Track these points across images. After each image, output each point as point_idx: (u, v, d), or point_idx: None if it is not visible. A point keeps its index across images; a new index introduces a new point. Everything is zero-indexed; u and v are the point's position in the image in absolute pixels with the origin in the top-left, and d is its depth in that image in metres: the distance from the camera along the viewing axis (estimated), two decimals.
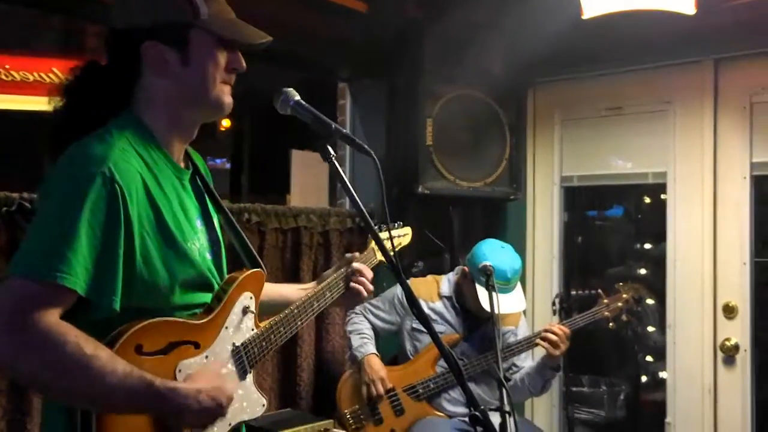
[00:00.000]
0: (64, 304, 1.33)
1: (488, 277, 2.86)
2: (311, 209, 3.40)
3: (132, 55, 1.50)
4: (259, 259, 1.75)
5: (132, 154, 1.45)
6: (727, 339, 3.37)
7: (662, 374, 3.69)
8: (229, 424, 1.59)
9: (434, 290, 3.28)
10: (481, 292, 2.93)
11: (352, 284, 1.93)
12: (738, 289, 3.36)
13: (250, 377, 1.67)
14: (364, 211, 1.61)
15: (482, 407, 1.56)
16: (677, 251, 3.54)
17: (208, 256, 1.61)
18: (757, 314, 3.36)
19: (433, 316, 3.20)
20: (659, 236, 3.79)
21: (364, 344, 3.19)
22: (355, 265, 1.95)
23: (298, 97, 1.65)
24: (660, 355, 3.74)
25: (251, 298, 1.68)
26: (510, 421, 2.04)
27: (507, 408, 2.10)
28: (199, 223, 1.60)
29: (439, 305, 3.24)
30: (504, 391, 2.17)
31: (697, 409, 3.43)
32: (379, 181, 1.61)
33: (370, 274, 1.97)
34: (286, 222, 3.27)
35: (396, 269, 1.61)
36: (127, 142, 1.46)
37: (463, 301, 3.23)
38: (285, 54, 3.45)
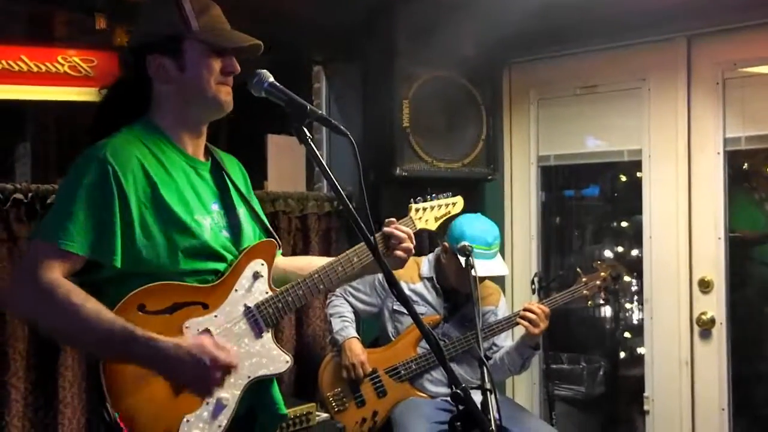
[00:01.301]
0: (69, 264, 1.61)
1: (467, 256, 2.87)
2: (289, 194, 3.39)
3: (142, 68, 1.76)
4: (275, 234, 1.91)
5: (135, 144, 1.71)
6: (703, 313, 3.42)
7: (640, 350, 3.73)
8: (248, 377, 1.75)
9: (415, 272, 3.29)
10: (463, 260, 2.91)
11: (397, 248, 1.95)
12: (713, 263, 3.40)
13: (268, 335, 1.79)
14: (342, 192, 1.61)
15: (463, 385, 1.57)
16: (653, 227, 3.58)
17: (224, 233, 1.80)
18: (732, 288, 3.41)
19: (414, 297, 3.20)
20: (635, 214, 3.82)
21: (345, 327, 3.19)
22: (387, 229, 1.98)
23: (272, 79, 1.64)
24: (638, 331, 3.79)
25: (263, 264, 1.82)
26: (491, 399, 2.05)
27: (488, 386, 2.11)
28: (215, 206, 1.81)
29: (419, 286, 3.25)
30: (485, 369, 2.18)
31: (675, 382, 3.48)
32: (356, 162, 1.62)
33: (407, 232, 1.98)
34: (263, 207, 3.25)
35: (375, 251, 1.61)
36: (133, 135, 1.73)
37: (444, 280, 3.24)
38: (259, 38, 3.41)
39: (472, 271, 2.79)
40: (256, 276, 1.80)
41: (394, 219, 2.03)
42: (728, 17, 3.29)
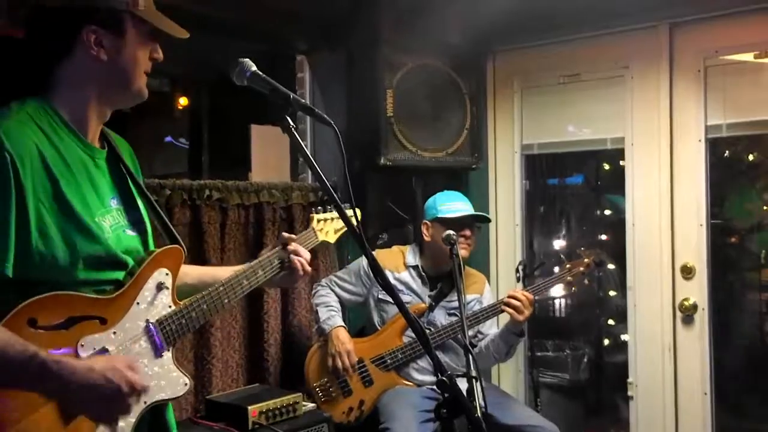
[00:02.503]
0: None
1: (452, 245, 2.88)
2: (273, 184, 3.38)
3: (65, 36, 1.52)
4: (179, 239, 1.73)
5: (31, 128, 1.46)
6: (686, 299, 3.45)
7: (624, 337, 3.77)
8: (145, 402, 1.56)
9: (400, 260, 3.30)
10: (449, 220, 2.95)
11: (293, 263, 1.91)
12: (695, 250, 3.43)
13: (168, 355, 1.64)
14: (326, 181, 1.60)
15: (449, 373, 1.58)
16: (636, 215, 3.60)
17: (129, 233, 1.62)
18: (713, 274, 3.45)
19: (400, 286, 3.22)
20: (619, 202, 3.85)
21: (332, 317, 3.20)
22: (291, 247, 1.92)
23: (254, 68, 1.63)
24: (621, 318, 3.82)
25: (167, 274, 1.66)
26: (477, 386, 2.07)
27: (473, 373, 2.13)
28: (114, 202, 1.61)
29: (405, 275, 3.26)
30: (470, 357, 2.20)
31: (658, 368, 3.52)
32: (340, 151, 1.61)
33: (307, 255, 1.95)
34: (248, 198, 3.25)
35: (360, 239, 1.61)
36: (27, 116, 1.48)
37: (429, 268, 3.26)
38: (243, 27, 3.39)
39: (455, 264, 2.81)
40: (160, 287, 1.63)
41: (294, 236, 1.97)
42: (709, 5, 3.31)
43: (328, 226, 2.13)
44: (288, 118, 1.60)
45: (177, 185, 2.97)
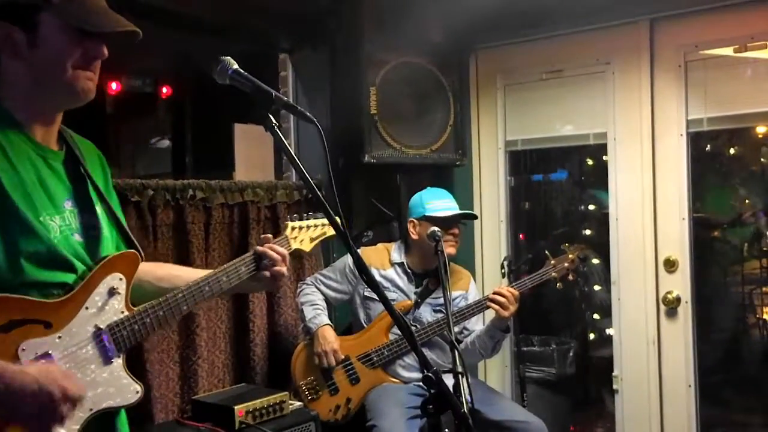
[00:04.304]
0: None
1: (437, 242, 2.89)
2: (257, 183, 3.36)
3: None
4: (137, 245, 1.68)
5: None
6: (669, 292, 3.48)
7: (609, 331, 3.79)
8: (90, 410, 1.52)
9: (385, 258, 3.30)
10: (433, 245, 2.94)
11: (269, 269, 1.84)
12: (678, 243, 3.46)
13: (118, 361, 1.59)
14: (310, 180, 1.59)
15: (435, 369, 1.58)
16: (619, 209, 3.63)
17: (77, 237, 1.56)
18: (696, 267, 3.48)
19: (385, 283, 3.22)
20: (602, 197, 3.87)
21: (318, 315, 3.19)
22: (260, 249, 1.85)
23: (236, 66, 1.61)
24: (606, 312, 3.85)
25: (121, 279, 1.61)
26: (463, 382, 2.07)
27: (459, 369, 2.13)
28: (68, 204, 1.57)
29: (391, 272, 3.26)
30: (456, 353, 2.20)
31: (642, 361, 3.55)
32: (324, 149, 1.60)
33: (282, 252, 1.87)
34: (231, 197, 3.23)
35: (345, 237, 1.60)
36: None
37: (415, 265, 3.27)
38: (225, 26, 3.38)
39: (441, 261, 2.80)
40: (112, 293, 1.58)
41: (270, 236, 1.91)
42: (689, 0, 3.34)
43: (303, 234, 2.06)
44: (271, 117, 1.59)
45: (160, 185, 2.96)
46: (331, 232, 2.09)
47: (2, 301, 1.40)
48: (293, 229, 2.04)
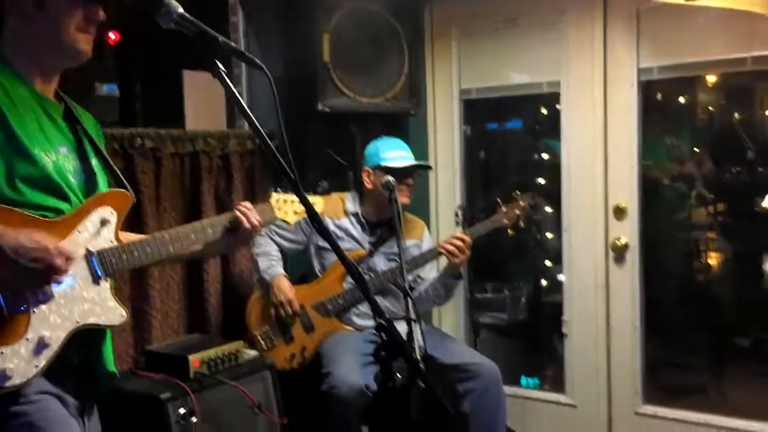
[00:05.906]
0: None
1: (391, 191, 2.90)
2: (209, 132, 3.30)
3: None
4: (130, 188, 1.81)
5: None
6: (618, 239, 3.56)
7: (560, 277, 3.88)
8: (77, 321, 1.62)
9: (339, 207, 3.30)
10: (388, 194, 2.95)
11: (239, 217, 1.96)
12: (627, 191, 3.53)
13: (106, 285, 1.69)
14: (261, 129, 1.57)
15: (387, 316, 1.60)
16: (570, 158, 3.67)
17: (72, 179, 1.69)
18: (644, 215, 3.56)
19: (339, 233, 3.23)
20: (555, 146, 3.91)
21: (272, 266, 3.19)
22: (240, 207, 1.98)
23: (181, 10, 1.57)
24: (558, 259, 3.93)
25: (112, 213, 1.73)
26: (416, 328, 2.11)
27: (413, 316, 2.17)
28: (64, 149, 1.69)
29: (345, 222, 3.27)
30: (409, 300, 2.23)
31: (591, 305, 3.65)
32: (274, 98, 1.58)
33: (257, 217, 1.98)
34: (182, 146, 3.17)
35: (296, 185, 1.59)
36: None
37: (369, 215, 3.28)
38: None
39: (395, 209, 2.82)
40: (104, 223, 1.70)
41: (249, 205, 2.01)
42: None
43: (287, 207, 2.11)
44: (218, 63, 1.56)
45: (107, 134, 2.87)
46: (318, 209, 2.14)
47: (4, 211, 1.54)
48: (278, 200, 2.09)
